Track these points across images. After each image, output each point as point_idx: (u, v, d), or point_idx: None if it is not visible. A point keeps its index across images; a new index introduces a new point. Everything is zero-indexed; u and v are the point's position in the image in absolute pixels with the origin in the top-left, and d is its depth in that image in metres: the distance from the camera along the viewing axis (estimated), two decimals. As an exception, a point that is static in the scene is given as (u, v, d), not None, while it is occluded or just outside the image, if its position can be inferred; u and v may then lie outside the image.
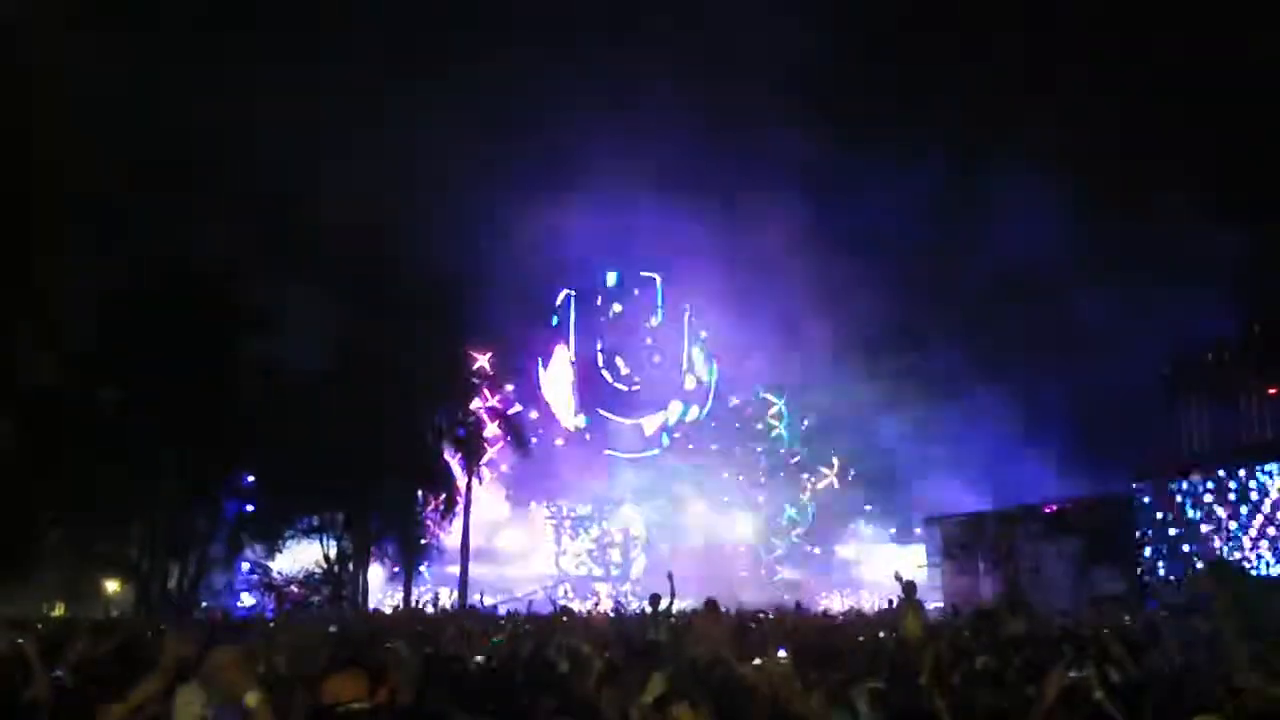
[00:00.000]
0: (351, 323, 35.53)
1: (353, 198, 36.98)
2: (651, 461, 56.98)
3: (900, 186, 47.68)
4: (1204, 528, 32.08)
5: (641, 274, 60.56)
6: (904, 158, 45.83)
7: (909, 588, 13.57)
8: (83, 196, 28.32)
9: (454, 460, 39.37)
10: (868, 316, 48.53)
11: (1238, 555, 30.52)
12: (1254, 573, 29.49)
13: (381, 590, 42.34)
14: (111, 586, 36.33)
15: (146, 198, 29.82)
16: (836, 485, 58.23)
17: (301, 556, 38.16)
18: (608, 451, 57.28)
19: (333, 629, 14.37)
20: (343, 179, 37.00)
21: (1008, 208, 40.33)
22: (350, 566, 37.31)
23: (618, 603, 35.85)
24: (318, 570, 37.27)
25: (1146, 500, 34.52)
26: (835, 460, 58.14)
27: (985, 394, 43.19)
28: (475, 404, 41.23)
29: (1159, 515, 34.00)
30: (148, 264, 30.16)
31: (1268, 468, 30.14)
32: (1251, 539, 30.35)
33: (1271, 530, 29.69)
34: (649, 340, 60.41)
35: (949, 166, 44.17)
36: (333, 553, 37.15)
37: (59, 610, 34.24)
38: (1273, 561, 29.54)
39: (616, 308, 60.44)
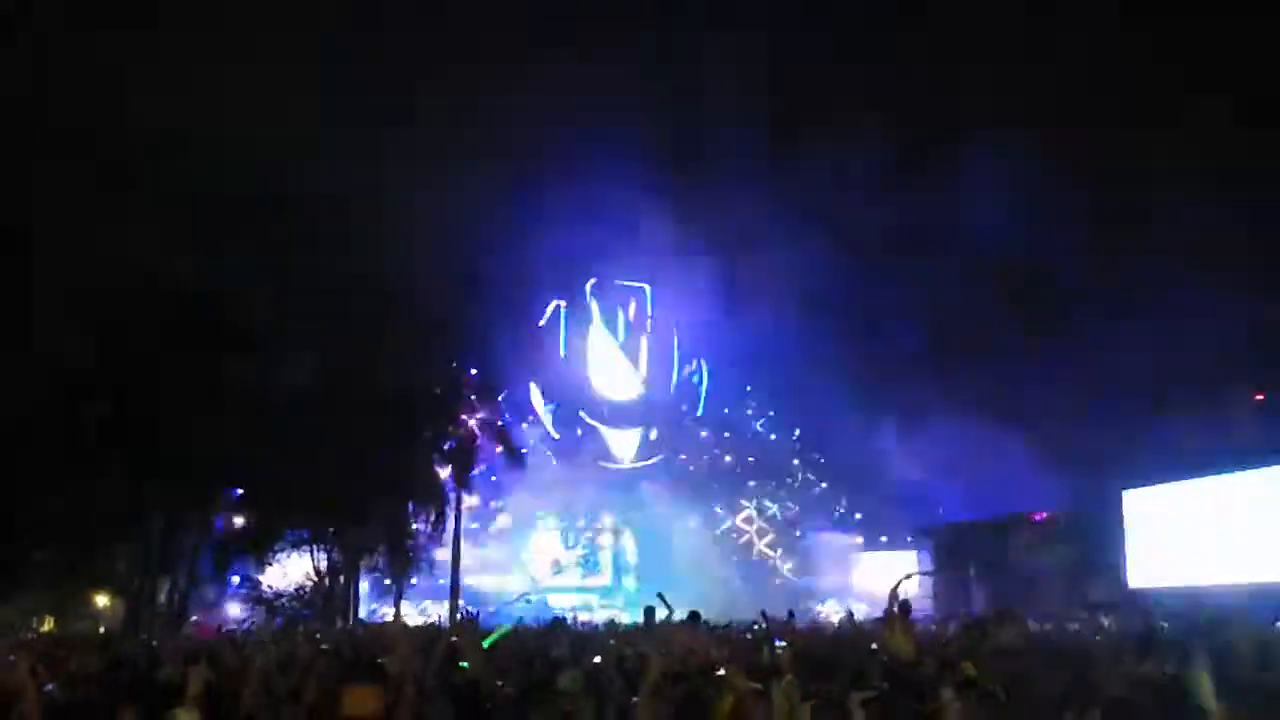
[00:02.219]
0: (339, 337, 35.43)
1: (338, 213, 36.89)
2: (642, 471, 57.03)
3: (888, 193, 47.88)
4: (1192, 535, 32.18)
5: (631, 284, 60.67)
6: (894, 161, 45.99)
7: (904, 606, 13.46)
8: (72, 215, 28.27)
9: (444, 472, 39.31)
10: (858, 326, 48.72)
11: (1223, 563, 30.63)
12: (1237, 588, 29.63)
13: (372, 603, 42.27)
14: (101, 601, 36.24)
15: (136, 216, 29.73)
16: (827, 494, 58.41)
17: (292, 570, 38.07)
18: (598, 462, 57.28)
19: (325, 646, 14.28)
20: (328, 194, 36.87)
21: (999, 213, 40.45)
22: (340, 579, 37.24)
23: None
24: (308, 583, 37.20)
25: (1135, 507, 34.63)
26: (826, 469, 58.37)
27: (975, 402, 43.31)
28: (465, 416, 41.16)
29: (1148, 522, 34.12)
30: (138, 282, 30.03)
31: (1255, 474, 30.23)
32: (1239, 546, 30.42)
33: (1259, 537, 29.75)
34: (638, 350, 60.49)
35: (941, 170, 44.24)
36: (323, 566, 37.08)
37: (48, 625, 34.14)
38: (1260, 569, 29.60)
39: (603, 317, 60.54)
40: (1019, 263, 42.66)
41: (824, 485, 58.64)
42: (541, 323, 59.28)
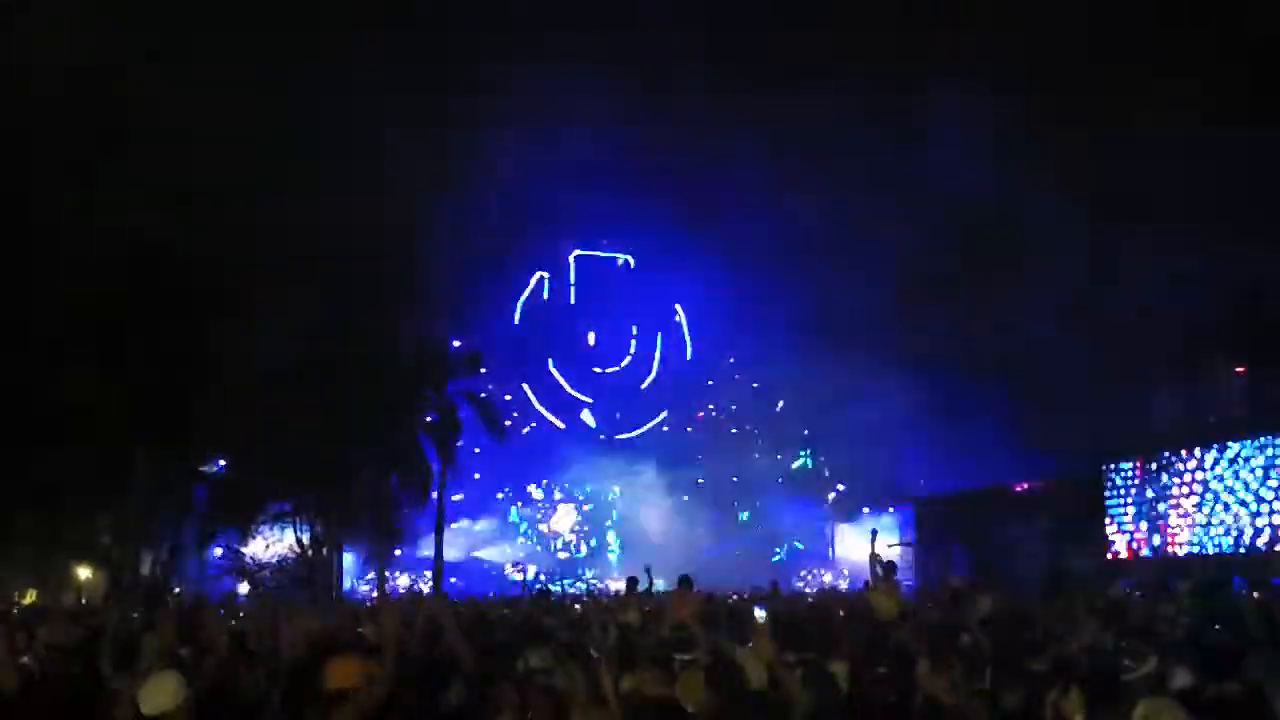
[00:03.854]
0: (322, 307, 35.26)
1: (322, 182, 36.63)
2: (626, 442, 57.11)
3: (868, 159, 47.79)
4: (1171, 506, 32.41)
5: (613, 255, 60.56)
6: (880, 128, 45.77)
7: (888, 568, 13.57)
8: (50, 181, 27.97)
9: (427, 444, 39.24)
10: (839, 297, 48.67)
11: (1201, 535, 30.90)
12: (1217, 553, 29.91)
13: (355, 576, 42.30)
14: (83, 573, 36.13)
15: (116, 184, 29.41)
16: (810, 465, 58.62)
17: (275, 542, 38.04)
18: (583, 432, 57.35)
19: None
20: (312, 163, 36.61)
21: (980, 181, 40.34)
22: (324, 552, 37.21)
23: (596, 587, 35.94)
24: (291, 555, 37.17)
25: (1115, 479, 34.83)
26: (809, 440, 58.55)
27: (956, 373, 43.42)
28: (448, 387, 41.04)
29: (1127, 494, 34.34)
30: (116, 250, 29.74)
31: (1236, 447, 30.43)
32: (1218, 519, 30.66)
33: (1239, 510, 29.99)
34: (621, 321, 60.42)
35: (923, 135, 43.85)
36: (305, 538, 37.03)
37: (30, 597, 34.01)
38: (1236, 541, 29.85)
39: (586, 288, 60.46)
40: (999, 232, 42.64)
41: (807, 456, 58.85)
42: (524, 296, 59.20)
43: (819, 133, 48.25)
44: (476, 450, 48.81)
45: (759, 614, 10.79)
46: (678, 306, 60.08)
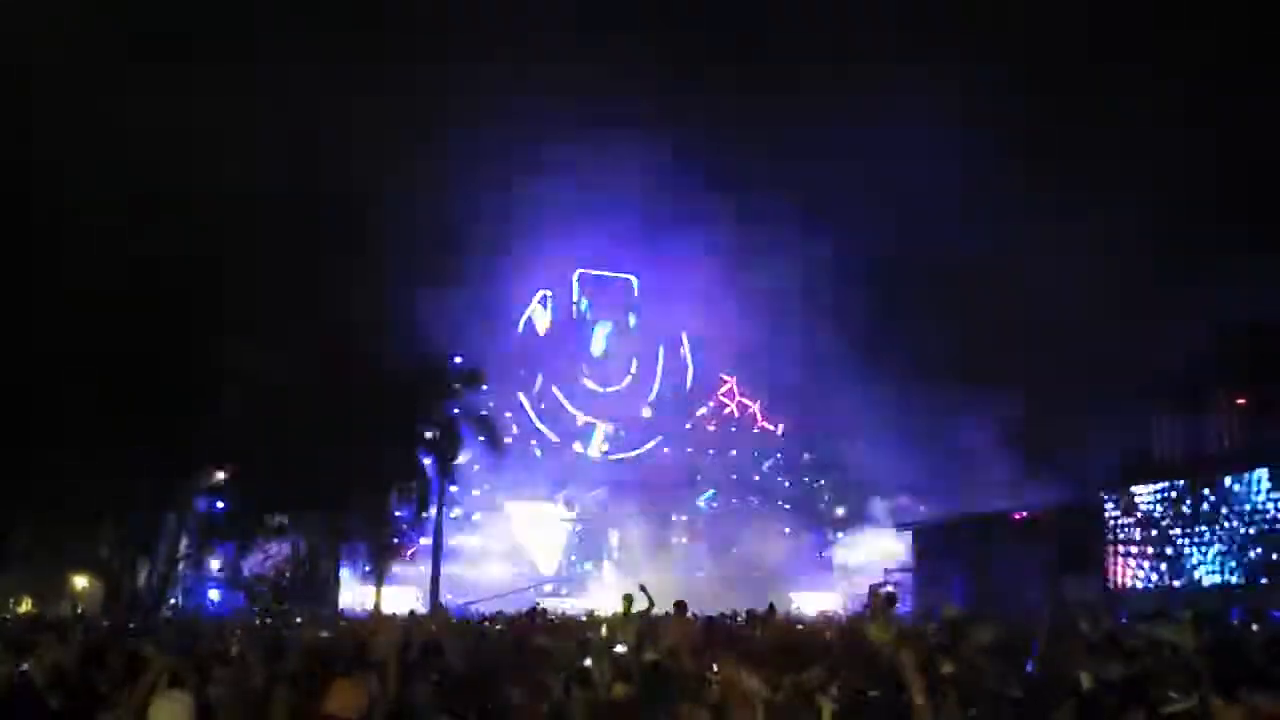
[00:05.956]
0: (324, 322, 35.23)
1: (327, 198, 36.62)
2: (626, 463, 57.06)
3: (868, 173, 47.94)
4: (1171, 537, 32.38)
5: (616, 274, 60.65)
6: (879, 137, 45.86)
7: (889, 599, 13.59)
8: (55, 191, 27.96)
9: (426, 460, 39.21)
10: (843, 324, 48.76)
11: (1202, 565, 30.88)
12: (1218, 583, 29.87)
13: (353, 590, 42.18)
14: (80, 583, 36.04)
15: (119, 194, 29.37)
16: (811, 489, 58.57)
17: (274, 557, 37.95)
18: (581, 451, 57.31)
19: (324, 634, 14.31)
20: (317, 181, 36.61)
21: (982, 204, 40.54)
22: (321, 566, 37.14)
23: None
24: (288, 569, 37.08)
25: (1116, 508, 34.81)
26: (810, 464, 58.51)
27: (959, 400, 43.42)
28: (448, 404, 41.04)
29: (1128, 523, 34.32)
30: (120, 261, 29.69)
31: (1236, 478, 30.44)
32: (1219, 549, 30.64)
33: (1239, 540, 29.98)
34: (623, 340, 60.45)
35: (928, 156, 43.92)
36: (303, 551, 36.97)
37: (26, 606, 33.92)
38: (1238, 572, 29.83)
39: (589, 308, 60.53)
40: (1003, 262, 42.74)
41: (807, 480, 58.81)
42: (526, 314, 59.27)
43: (820, 132, 48.42)
44: (476, 467, 48.78)
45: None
46: (684, 335, 60.07)
